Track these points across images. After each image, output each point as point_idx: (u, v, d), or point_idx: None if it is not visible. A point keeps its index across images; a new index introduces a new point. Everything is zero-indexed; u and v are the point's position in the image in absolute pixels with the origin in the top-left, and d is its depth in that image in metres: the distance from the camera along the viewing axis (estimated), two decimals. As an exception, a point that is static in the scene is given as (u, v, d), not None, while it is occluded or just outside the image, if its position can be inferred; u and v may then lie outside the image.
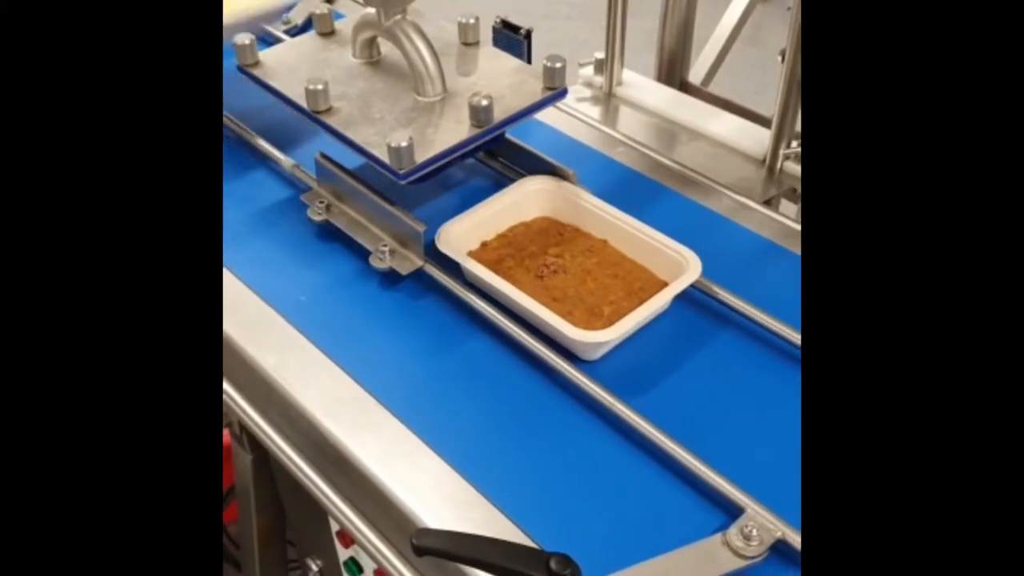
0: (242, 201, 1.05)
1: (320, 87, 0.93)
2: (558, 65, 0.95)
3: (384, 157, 0.87)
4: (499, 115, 0.92)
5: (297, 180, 1.06)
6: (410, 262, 0.93)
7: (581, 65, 1.34)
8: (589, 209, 0.97)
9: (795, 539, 0.68)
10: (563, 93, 0.97)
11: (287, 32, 1.33)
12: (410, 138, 0.86)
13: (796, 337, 0.84)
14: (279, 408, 0.85)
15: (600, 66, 1.32)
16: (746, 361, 0.85)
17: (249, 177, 1.10)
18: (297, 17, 1.36)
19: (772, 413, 0.80)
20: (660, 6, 1.31)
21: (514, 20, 1.19)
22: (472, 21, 1.04)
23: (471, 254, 0.93)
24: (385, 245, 0.94)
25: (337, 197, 1.00)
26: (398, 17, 0.96)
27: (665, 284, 0.89)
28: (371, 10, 0.97)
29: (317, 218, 0.99)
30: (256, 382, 0.87)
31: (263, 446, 0.86)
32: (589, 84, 1.34)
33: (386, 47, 1.02)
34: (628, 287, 0.91)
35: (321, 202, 1.00)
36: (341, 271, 0.96)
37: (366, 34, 1.01)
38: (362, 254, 0.95)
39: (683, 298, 0.89)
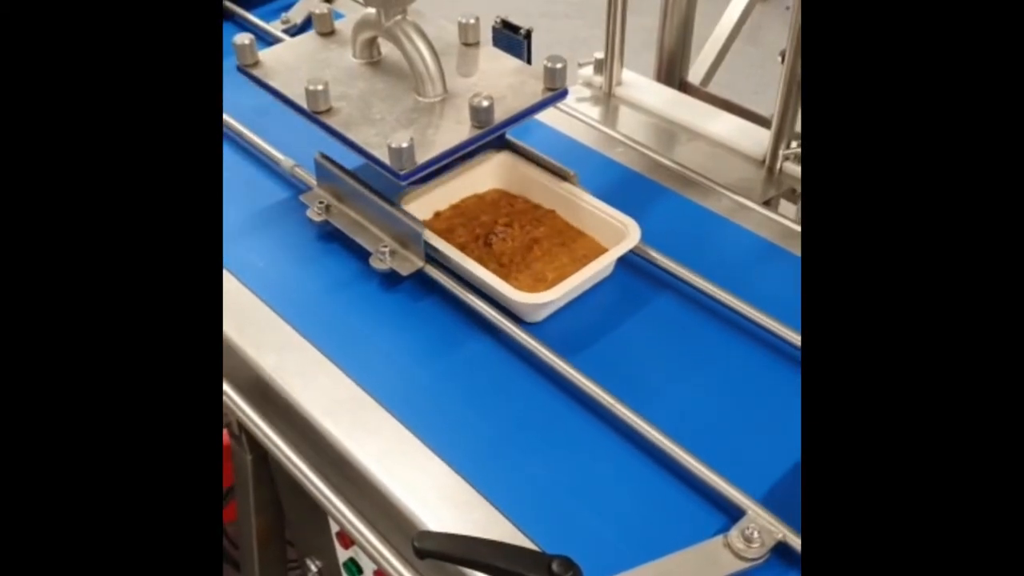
0: (241, 201, 1.05)
1: (320, 88, 0.92)
2: (559, 66, 0.95)
3: (385, 158, 0.87)
4: (500, 116, 0.92)
5: (296, 180, 1.06)
6: (410, 263, 0.93)
7: (580, 65, 1.34)
8: (539, 181, 1.01)
9: (796, 541, 0.68)
10: (563, 94, 0.97)
11: (286, 31, 1.33)
12: (411, 139, 0.86)
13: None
14: (278, 408, 0.85)
15: (599, 66, 1.31)
16: (691, 324, 0.89)
17: (248, 177, 1.10)
18: (296, 16, 1.36)
19: (715, 373, 0.84)
20: (659, 5, 1.31)
21: (513, 20, 1.19)
22: (472, 21, 1.03)
23: (424, 223, 0.95)
24: (385, 246, 0.94)
25: (337, 197, 1.00)
26: (398, 17, 0.96)
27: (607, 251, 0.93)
28: (371, 10, 0.97)
29: (317, 219, 0.99)
30: (255, 382, 0.86)
31: (262, 446, 0.86)
32: (588, 84, 1.34)
33: (386, 47, 1.02)
34: (572, 254, 0.95)
35: (321, 202, 1.00)
36: (341, 272, 0.96)
37: (366, 34, 1.00)
38: (362, 255, 0.95)
39: (629, 266, 0.95)
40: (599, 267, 0.90)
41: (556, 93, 0.96)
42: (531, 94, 0.96)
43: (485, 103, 0.90)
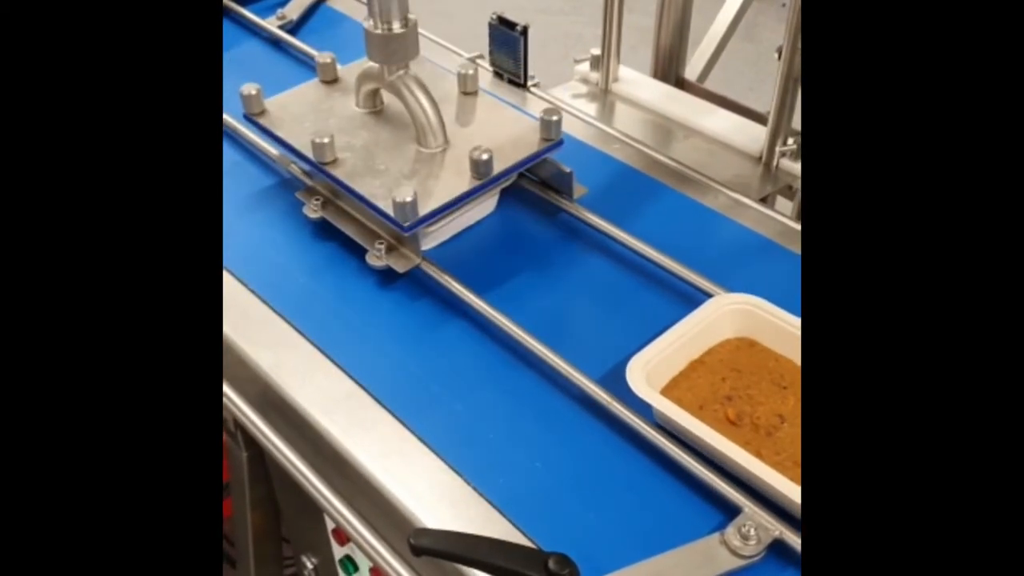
0: (237, 198, 1.04)
1: (326, 140, 0.94)
2: (555, 118, 0.97)
3: (389, 210, 0.89)
4: (498, 167, 0.94)
5: (292, 177, 1.06)
6: (407, 260, 0.93)
7: (577, 61, 1.34)
8: None
9: (793, 539, 0.68)
10: (559, 144, 0.99)
11: (281, 28, 1.32)
12: (414, 192, 0.88)
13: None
14: (275, 406, 0.84)
15: (596, 62, 1.31)
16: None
17: (244, 173, 1.09)
18: (292, 12, 1.35)
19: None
20: (656, 2, 1.31)
21: (509, 16, 1.18)
22: (471, 72, 1.06)
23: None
24: (382, 243, 0.94)
25: (333, 194, 1.00)
26: (401, 73, 0.97)
27: None
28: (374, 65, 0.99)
29: (313, 215, 0.99)
30: (252, 380, 0.86)
31: (258, 443, 0.86)
32: (585, 80, 1.34)
33: (388, 96, 1.03)
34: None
35: (317, 199, 1.00)
36: (337, 269, 0.96)
37: (369, 86, 1.02)
38: (358, 252, 0.95)
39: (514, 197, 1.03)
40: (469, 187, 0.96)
41: (552, 144, 0.98)
42: (528, 145, 0.98)
43: (484, 156, 0.92)
